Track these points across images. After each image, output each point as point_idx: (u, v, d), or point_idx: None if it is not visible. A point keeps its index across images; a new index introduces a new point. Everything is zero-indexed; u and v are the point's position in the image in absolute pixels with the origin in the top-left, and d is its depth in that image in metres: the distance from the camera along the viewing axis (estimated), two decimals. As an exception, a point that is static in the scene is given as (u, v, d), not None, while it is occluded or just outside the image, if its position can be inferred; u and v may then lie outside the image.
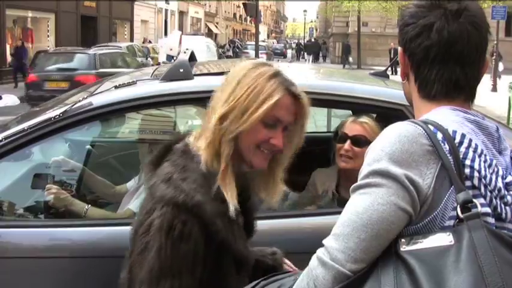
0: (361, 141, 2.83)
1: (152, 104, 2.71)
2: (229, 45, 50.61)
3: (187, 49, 3.27)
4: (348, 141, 2.85)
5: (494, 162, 1.26)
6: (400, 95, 2.77)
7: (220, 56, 34.57)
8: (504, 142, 1.34)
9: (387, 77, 3.29)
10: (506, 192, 1.26)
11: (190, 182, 1.55)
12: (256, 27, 21.72)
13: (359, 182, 1.27)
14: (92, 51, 16.11)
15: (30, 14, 24.81)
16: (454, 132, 1.25)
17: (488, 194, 1.22)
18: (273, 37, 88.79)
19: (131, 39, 34.18)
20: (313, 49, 48.16)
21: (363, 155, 1.34)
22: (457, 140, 1.24)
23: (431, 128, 1.25)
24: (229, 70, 3.14)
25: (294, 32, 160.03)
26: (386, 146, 1.25)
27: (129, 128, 3.24)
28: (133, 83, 2.76)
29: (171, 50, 15.43)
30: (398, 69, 1.46)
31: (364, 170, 1.28)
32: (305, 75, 3.36)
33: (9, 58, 22.90)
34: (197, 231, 1.51)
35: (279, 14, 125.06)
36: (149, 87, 2.75)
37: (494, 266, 1.11)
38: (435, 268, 1.14)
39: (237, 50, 47.63)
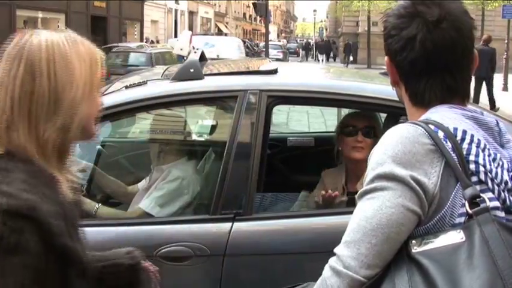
0: (371, 132, 2.87)
1: (163, 104, 2.71)
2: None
3: (197, 49, 3.27)
4: (359, 133, 2.86)
5: (498, 156, 1.25)
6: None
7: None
8: (506, 135, 1.33)
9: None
10: None
11: (18, 183, 1.23)
12: (266, 27, 21.66)
13: (365, 188, 1.26)
14: (149, 50, 18.74)
15: (40, 14, 24.93)
16: (455, 129, 1.24)
17: (496, 187, 1.21)
18: (283, 37, 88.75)
19: (141, 39, 34.26)
20: (325, 49, 48.00)
21: (373, 146, 1.33)
22: (459, 136, 1.23)
23: (432, 127, 1.24)
24: (239, 70, 3.14)
25: (304, 31, 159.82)
26: (388, 149, 1.24)
27: (140, 128, 3.24)
28: (144, 83, 2.77)
29: (181, 50, 15.43)
30: None
31: (368, 175, 1.26)
32: (315, 74, 3.36)
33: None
34: (34, 239, 1.19)
35: (289, 13, 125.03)
36: (160, 87, 2.75)
37: (509, 259, 1.10)
38: (448, 266, 1.13)
39: (247, 50, 47.55)
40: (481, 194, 1.18)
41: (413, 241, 1.20)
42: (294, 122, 11.54)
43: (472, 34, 1.34)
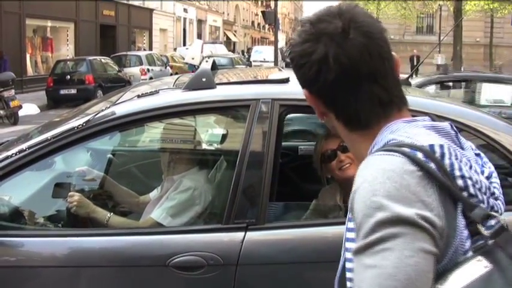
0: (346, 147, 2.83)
1: (175, 113, 2.71)
2: (243, 53, 50.04)
3: (209, 58, 3.28)
4: (338, 153, 2.81)
5: (471, 161, 1.16)
6: (423, 102, 2.77)
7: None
8: (460, 137, 1.23)
9: (409, 84, 3.27)
10: (492, 187, 1.16)
11: None
12: (276, 35, 21.72)
13: (366, 241, 1.05)
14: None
15: (49, 23, 25.07)
16: (431, 146, 1.12)
17: (484, 196, 1.13)
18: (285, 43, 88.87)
19: (150, 48, 34.41)
20: None
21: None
22: (438, 153, 1.11)
23: (408, 150, 1.10)
24: (250, 78, 3.14)
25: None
26: (377, 188, 1.06)
27: (151, 137, 3.25)
28: (156, 92, 2.77)
29: (193, 59, 15.51)
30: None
31: (364, 224, 1.06)
32: None
33: (29, 67, 23.16)
34: None
35: (297, 21, 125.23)
36: (172, 96, 2.75)
37: None
38: None
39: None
40: (494, 213, 1.09)
41: (439, 286, 1.05)
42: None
43: (384, 35, 1.21)
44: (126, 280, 2.48)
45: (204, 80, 2.71)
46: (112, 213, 2.81)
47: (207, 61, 3.16)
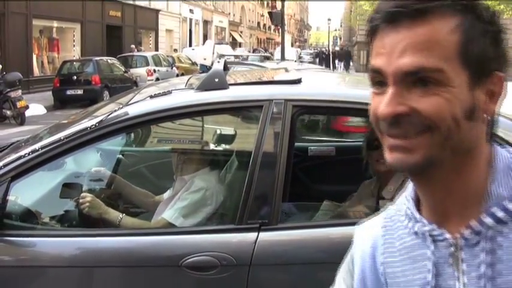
0: None
1: (188, 113, 2.71)
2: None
3: (220, 58, 3.28)
4: None
5: None
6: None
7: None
8: None
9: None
10: None
11: None
12: (282, 36, 21.73)
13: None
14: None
15: (56, 24, 25.13)
16: None
17: None
18: (297, 46, 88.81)
19: (156, 49, 34.44)
20: (344, 57, 47.85)
21: None
22: None
23: None
24: (262, 79, 3.14)
25: (318, 40, 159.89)
26: None
27: (162, 137, 3.26)
28: (169, 92, 2.77)
29: (204, 59, 15.54)
30: None
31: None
32: (338, 84, 3.35)
33: (35, 68, 23.22)
34: None
35: (303, 22, 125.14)
36: (185, 97, 2.75)
37: None
38: None
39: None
40: None
41: None
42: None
43: None
44: (140, 280, 2.49)
45: (216, 80, 2.70)
46: (124, 214, 2.81)
47: (218, 61, 3.15)
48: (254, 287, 2.41)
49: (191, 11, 44.43)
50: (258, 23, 76.90)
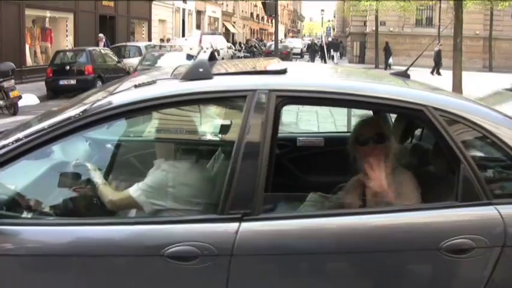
0: (382, 139, 2.90)
1: (172, 103, 2.71)
2: (240, 45, 49.68)
3: (207, 48, 3.28)
4: (370, 141, 2.89)
5: None
6: (421, 95, 2.78)
7: (232, 57, 34.84)
8: None
9: (408, 76, 3.27)
10: None
11: None
12: (276, 27, 21.66)
13: None
14: None
15: (49, 13, 24.95)
16: None
17: None
18: (290, 36, 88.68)
19: (149, 39, 34.31)
20: (337, 47, 47.87)
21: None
22: None
23: None
24: (248, 69, 3.14)
25: (311, 31, 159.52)
26: None
27: (147, 126, 3.27)
28: (153, 82, 2.77)
29: (191, 49, 15.47)
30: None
31: None
32: (323, 75, 3.35)
33: (28, 58, 23.10)
34: None
35: (296, 13, 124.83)
36: (169, 86, 2.75)
37: None
38: None
39: (254, 50, 47.50)
40: None
41: None
42: (303, 122, 11.55)
43: None
44: (122, 269, 2.50)
45: (201, 70, 2.71)
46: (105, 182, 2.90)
47: (205, 51, 3.16)
48: (236, 277, 2.43)
49: (184, 1, 44.22)
50: (251, 14, 76.64)
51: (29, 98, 16.98)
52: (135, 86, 2.74)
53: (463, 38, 19.31)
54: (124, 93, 2.72)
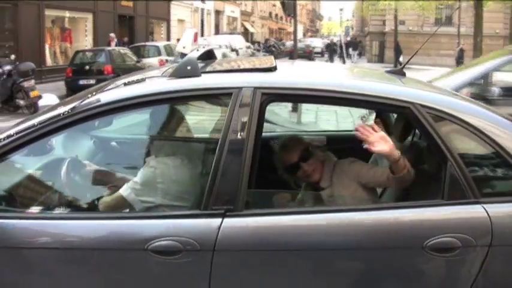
0: (308, 154, 3.09)
1: (159, 100, 2.74)
2: (259, 44, 49.43)
3: (202, 47, 3.31)
4: (301, 164, 3.08)
5: None
6: (408, 92, 2.78)
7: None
8: None
9: (403, 74, 3.26)
10: None
11: None
12: (295, 26, 21.61)
13: None
14: None
15: (68, 14, 25.23)
16: None
17: None
18: (309, 36, 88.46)
19: (168, 39, 34.49)
20: (356, 47, 47.66)
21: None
22: None
23: None
24: (238, 67, 3.16)
25: (330, 30, 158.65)
26: None
27: (134, 124, 3.32)
28: (142, 80, 2.81)
29: (184, 48, 15.42)
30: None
31: None
32: (313, 73, 3.36)
33: (48, 58, 23.37)
34: None
35: (315, 12, 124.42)
36: (157, 84, 2.79)
37: None
38: None
39: (273, 50, 47.40)
40: None
41: None
42: (323, 121, 11.57)
43: None
44: (106, 263, 2.54)
45: (189, 68, 2.74)
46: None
47: (198, 50, 3.19)
48: (218, 272, 2.45)
49: (203, 0, 44.37)
50: (270, 13, 76.54)
51: (48, 98, 17.05)
52: (125, 84, 2.78)
53: (483, 37, 19.12)
54: (113, 91, 2.77)
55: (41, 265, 2.56)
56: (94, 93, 2.72)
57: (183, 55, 15.34)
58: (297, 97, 2.76)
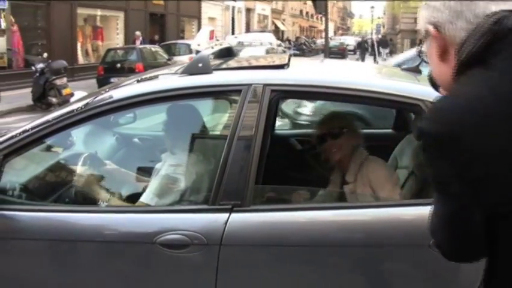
0: (338, 133, 3.13)
1: (170, 97, 2.79)
2: (290, 42, 49.11)
3: (216, 45, 3.35)
4: (328, 139, 3.14)
5: None
6: (420, 90, 2.76)
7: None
8: None
9: (419, 72, 3.24)
10: None
11: None
12: (326, 24, 21.50)
13: None
14: None
15: (99, 12, 25.55)
16: None
17: None
18: (340, 34, 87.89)
19: (198, 37, 34.60)
20: (386, 44, 47.20)
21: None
22: None
23: None
24: (250, 65, 3.18)
25: (361, 28, 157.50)
26: None
27: (149, 121, 3.36)
28: (155, 77, 2.86)
29: (198, 45, 15.53)
30: None
31: None
32: (324, 70, 3.36)
33: (80, 56, 23.72)
34: None
35: (346, 10, 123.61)
36: (168, 81, 2.84)
37: None
38: None
39: (304, 47, 47.20)
40: None
41: None
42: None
43: None
44: (115, 255, 2.60)
45: (200, 65, 2.78)
46: (111, 196, 2.94)
47: (212, 47, 3.23)
48: (224, 267, 2.49)
49: (234, -1, 44.49)
50: (301, 11, 76.33)
51: (80, 95, 17.32)
52: (138, 81, 2.84)
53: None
54: (125, 88, 2.82)
55: (52, 257, 2.64)
56: (107, 90, 2.78)
57: (198, 52, 15.49)
58: (307, 94, 2.78)
